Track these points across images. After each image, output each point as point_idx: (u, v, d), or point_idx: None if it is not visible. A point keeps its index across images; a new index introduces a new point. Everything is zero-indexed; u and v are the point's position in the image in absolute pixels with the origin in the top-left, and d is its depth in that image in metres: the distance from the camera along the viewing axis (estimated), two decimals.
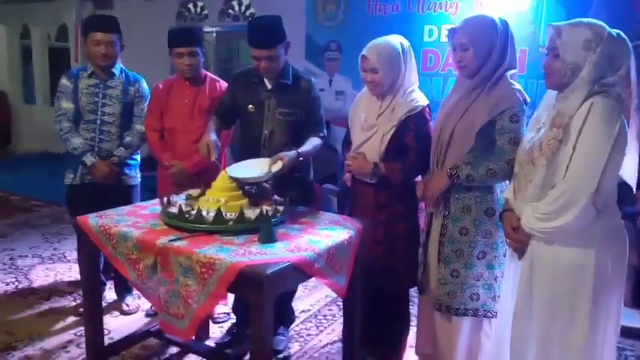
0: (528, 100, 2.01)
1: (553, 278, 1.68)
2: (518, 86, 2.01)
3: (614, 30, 1.62)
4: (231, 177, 2.09)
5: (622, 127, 1.57)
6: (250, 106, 2.45)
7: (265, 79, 2.43)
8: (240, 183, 2.12)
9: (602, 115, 1.55)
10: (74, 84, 2.82)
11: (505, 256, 2.09)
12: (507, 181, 2.01)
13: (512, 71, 2.03)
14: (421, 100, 2.24)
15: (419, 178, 2.29)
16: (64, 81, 2.84)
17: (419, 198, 2.22)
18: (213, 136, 2.34)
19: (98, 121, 2.82)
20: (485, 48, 1.97)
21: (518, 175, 1.82)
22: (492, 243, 2.06)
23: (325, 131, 2.54)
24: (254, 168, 2.19)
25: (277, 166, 2.16)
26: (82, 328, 2.59)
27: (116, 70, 2.87)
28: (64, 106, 2.82)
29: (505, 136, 1.95)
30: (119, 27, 2.82)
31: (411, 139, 2.20)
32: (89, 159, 2.79)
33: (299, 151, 2.30)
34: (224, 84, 2.82)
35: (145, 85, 2.96)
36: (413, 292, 2.42)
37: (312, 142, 2.42)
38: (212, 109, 2.64)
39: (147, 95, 2.95)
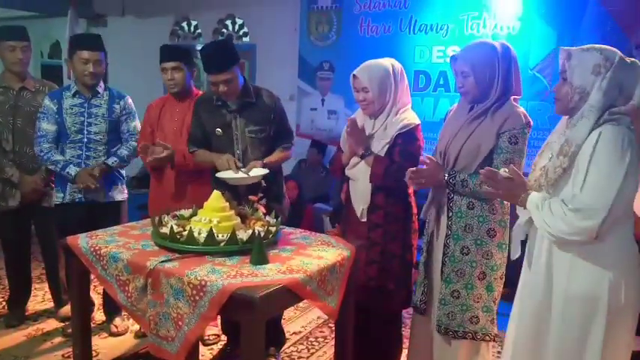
0: (532, 123, 2.02)
1: (566, 304, 1.64)
2: (521, 109, 2.02)
3: (629, 58, 1.58)
4: (217, 177, 2.30)
5: (633, 154, 1.52)
6: (218, 129, 2.47)
7: (228, 101, 2.46)
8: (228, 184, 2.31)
9: (612, 142, 1.51)
10: (58, 104, 2.82)
11: (502, 279, 2.10)
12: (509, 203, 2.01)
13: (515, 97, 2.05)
14: (413, 119, 2.27)
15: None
16: (47, 102, 2.83)
17: (408, 181, 2.10)
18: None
19: (85, 140, 2.82)
20: (486, 76, 1.98)
21: None
22: (492, 264, 2.06)
23: (293, 140, 2.66)
24: (236, 175, 2.36)
25: (258, 171, 2.34)
26: (70, 349, 2.55)
27: (100, 89, 2.88)
28: (44, 128, 2.81)
29: (501, 156, 1.97)
30: (104, 45, 2.86)
31: (397, 154, 2.22)
32: (73, 169, 2.77)
33: (264, 161, 2.43)
34: None
35: (130, 101, 2.97)
36: (404, 313, 2.42)
37: (277, 153, 2.53)
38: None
39: (134, 111, 2.96)
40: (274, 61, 5.22)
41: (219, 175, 2.35)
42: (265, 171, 2.36)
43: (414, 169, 2.07)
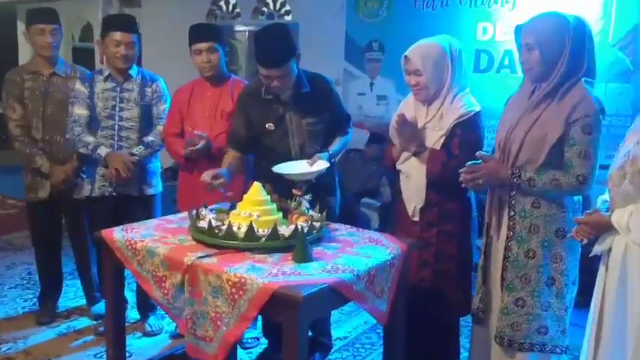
0: (605, 109, 1.96)
1: None
2: (594, 94, 1.96)
3: None
4: (277, 173, 2.28)
5: None
6: (269, 124, 2.46)
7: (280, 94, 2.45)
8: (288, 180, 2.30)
9: None
10: (89, 88, 2.94)
11: (575, 284, 2.07)
12: (579, 199, 2.01)
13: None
14: (473, 105, 2.25)
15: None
16: (78, 86, 2.95)
17: (463, 180, 2.06)
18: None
19: (116, 127, 2.93)
20: (553, 51, 1.94)
21: (612, 196, 1.79)
22: (562, 269, 2.02)
23: (351, 125, 2.66)
24: (296, 168, 2.34)
25: (321, 165, 2.32)
26: (103, 348, 2.68)
27: (133, 72, 2.98)
28: (77, 112, 2.93)
29: (575, 148, 1.92)
30: (138, 27, 2.95)
31: (455, 147, 2.21)
32: (104, 150, 2.88)
33: (330, 152, 2.44)
34: None
35: (162, 83, 3.05)
36: (463, 320, 2.41)
37: (341, 141, 2.55)
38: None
39: (166, 94, 3.04)
40: (318, 41, 5.23)
41: (276, 168, 2.32)
42: (327, 164, 2.35)
43: (469, 167, 2.03)
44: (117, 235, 2.06)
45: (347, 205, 4.49)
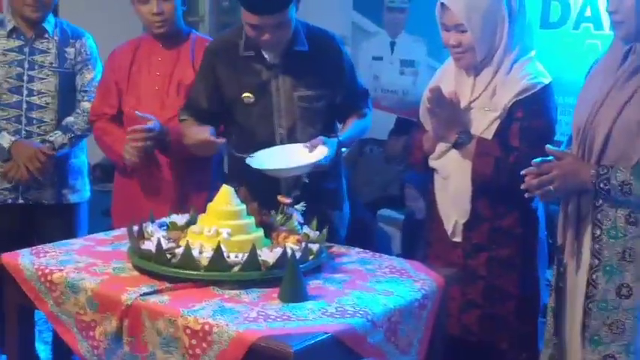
0: None
1: None
2: None
3: None
4: (255, 168, 2.27)
5: None
6: (246, 94, 2.48)
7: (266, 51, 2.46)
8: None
9: None
10: None
11: None
12: None
13: None
14: (540, 76, 2.27)
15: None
16: None
17: (527, 185, 2.06)
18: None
19: (24, 105, 2.93)
20: None
21: None
22: None
23: (370, 104, 2.68)
24: (285, 157, 2.33)
25: (321, 153, 2.29)
26: None
27: (49, 25, 2.98)
28: None
29: None
30: None
31: (515, 135, 2.24)
32: (6, 138, 2.88)
33: (340, 138, 2.43)
34: None
35: (91, 42, 3.06)
36: None
37: (355, 125, 2.56)
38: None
39: (95, 58, 3.05)
40: None
41: (253, 159, 2.33)
42: (329, 152, 2.33)
43: (536, 166, 2.04)
44: (24, 260, 2.05)
45: (359, 220, 4.50)
